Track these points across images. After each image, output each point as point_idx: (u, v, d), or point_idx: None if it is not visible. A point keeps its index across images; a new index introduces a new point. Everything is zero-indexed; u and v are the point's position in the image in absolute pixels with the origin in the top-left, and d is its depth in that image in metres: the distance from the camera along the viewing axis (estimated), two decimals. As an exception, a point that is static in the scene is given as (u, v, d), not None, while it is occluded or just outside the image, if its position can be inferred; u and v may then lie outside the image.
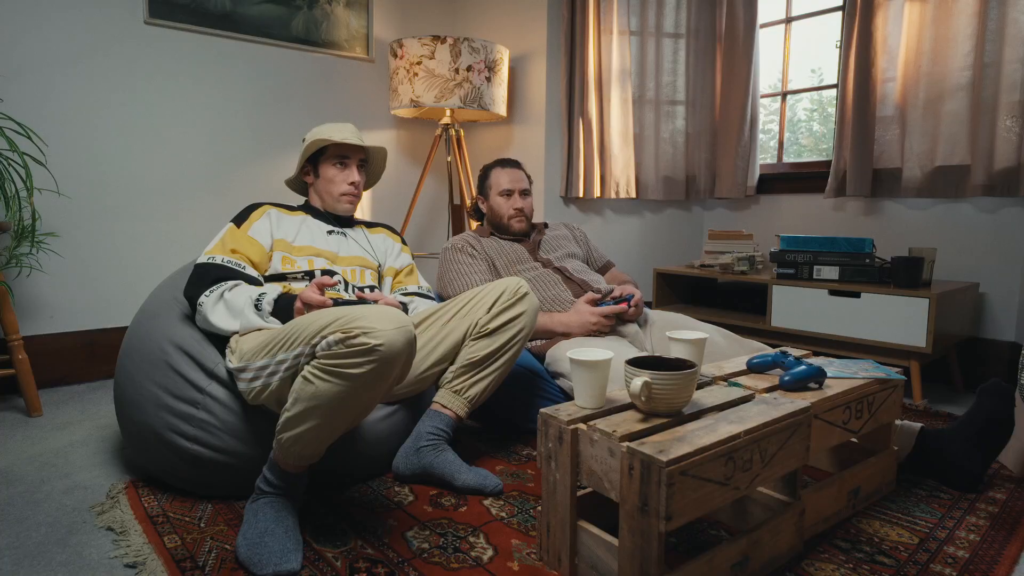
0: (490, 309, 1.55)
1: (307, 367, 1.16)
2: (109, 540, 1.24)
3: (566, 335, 1.84)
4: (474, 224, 2.26)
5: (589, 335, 1.82)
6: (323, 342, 1.14)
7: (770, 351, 1.44)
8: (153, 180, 2.47)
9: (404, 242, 1.89)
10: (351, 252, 1.71)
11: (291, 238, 1.63)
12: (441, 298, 2.01)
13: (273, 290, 1.46)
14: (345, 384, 1.12)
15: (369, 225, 1.86)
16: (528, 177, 2.13)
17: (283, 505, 1.22)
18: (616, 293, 1.88)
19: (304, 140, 1.73)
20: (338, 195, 1.71)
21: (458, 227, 3.01)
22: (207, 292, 1.44)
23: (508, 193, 2.07)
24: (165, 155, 2.49)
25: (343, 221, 1.77)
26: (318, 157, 1.72)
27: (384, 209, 3.14)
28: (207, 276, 1.47)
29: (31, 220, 2.06)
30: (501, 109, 2.76)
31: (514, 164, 2.13)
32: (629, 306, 1.85)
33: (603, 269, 2.23)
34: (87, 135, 2.32)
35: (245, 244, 1.56)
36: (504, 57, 2.76)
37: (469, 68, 2.62)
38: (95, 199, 2.35)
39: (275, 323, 1.40)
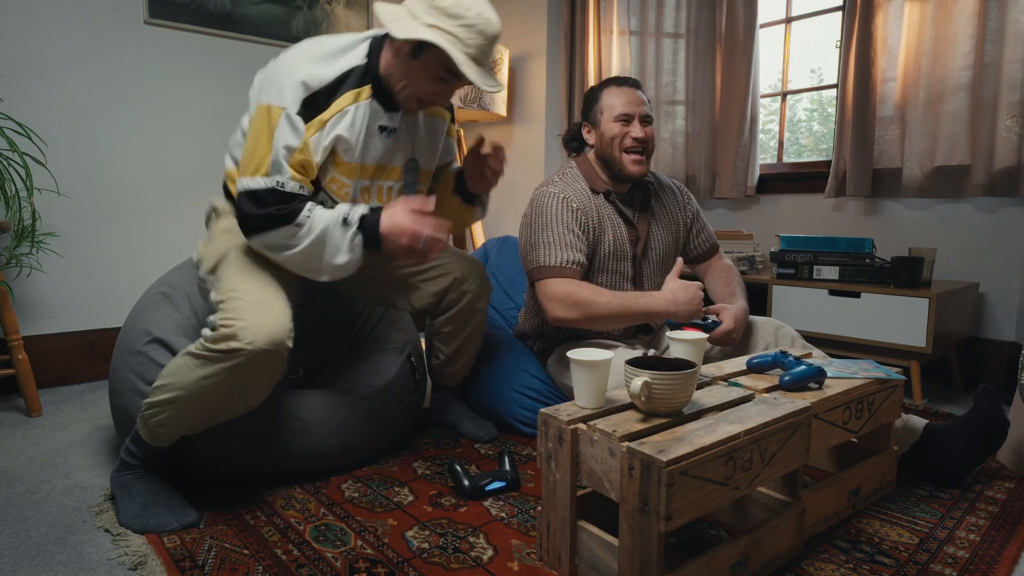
0: (440, 305, 1.66)
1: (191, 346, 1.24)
2: (109, 540, 1.24)
3: (670, 319, 1.59)
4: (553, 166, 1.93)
5: (692, 317, 1.57)
6: (208, 318, 1.24)
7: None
8: (153, 180, 2.47)
9: (454, 119, 1.64)
10: (395, 162, 1.47)
11: (346, 151, 1.37)
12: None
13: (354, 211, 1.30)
14: (210, 372, 1.19)
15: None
16: (650, 102, 1.73)
17: (151, 480, 1.30)
18: (713, 309, 1.61)
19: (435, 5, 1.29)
20: (415, 97, 1.38)
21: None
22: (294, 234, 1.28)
23: (626, 119, 1.65)
24: (165, 155, 2.49)
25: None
26: (427, 44, 1.30)
27: (384, 209, 3.14)
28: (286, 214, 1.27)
29: (31, 220, 2.06)
30: (501, 109, 2.76)
31: (632, 83, 1.70)
32: (705, 331, 1.56)
33: (703, 256, 1.88)
34: (87, 135, 2.32)
35: (310, 166, 1.31)
36: (504, 57, 2.76)
37: (469, 68, 2.62)
38: (95, 199, 2.35)
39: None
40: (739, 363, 1.44)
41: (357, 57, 1.36)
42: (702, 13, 2.87)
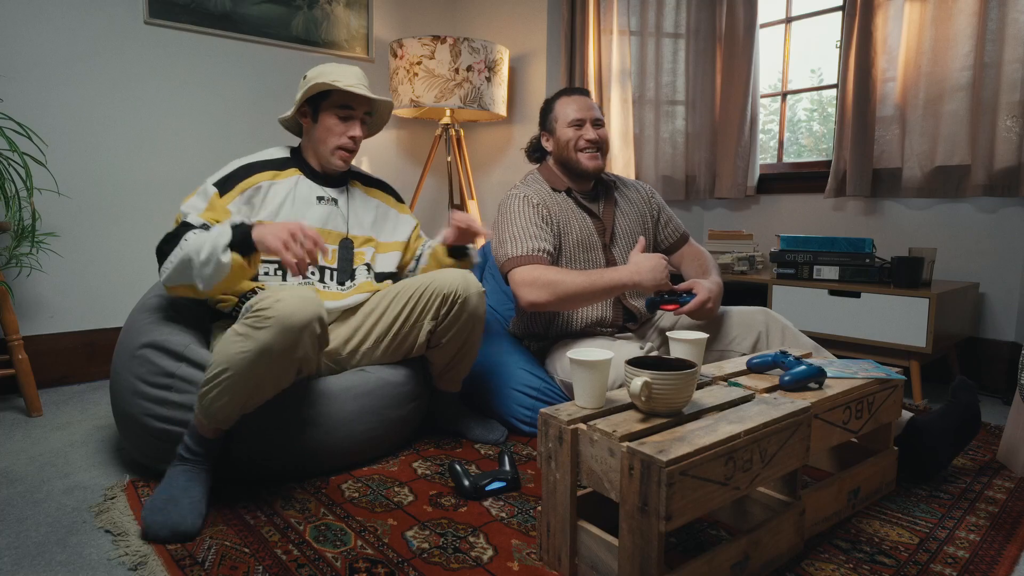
0: (435, 318, 1.61)
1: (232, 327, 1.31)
2: (109, 540, 1.24)
3: (636, 289, 1.65)
4: (518, 177, 2.06)
5: (662, 287, 1.63)
6: (243, 307, 1.32)
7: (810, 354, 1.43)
8: (153, 180, 2.47)
9: (401, 200, 1.86)
10: (338, 228, 1.66)
11: (274, 216, 1.58)
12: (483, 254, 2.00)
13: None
14: (252, 345, 1.24)
15: (365, 182, 1.79)
16: (600, 108, 1.87)
17: (195, 475, 1.32)
18: (681, 287, 1.68)
19: (305, 77, 1.62)
20: (333, 148, 1.62)
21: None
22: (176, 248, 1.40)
23: (579, 123, 1.80)
24: (165, 155, 2.49)
25: (336, 180, 1.70)
26: (320, 100, 1.61)
27: (384, 209, 3.14)
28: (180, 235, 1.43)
29: (31, 220, 2.06)
30: (501, 109, 2.76)
31: (582, 91, 1.87)
32: (680, 306, 1.64)
33: (675, 246, 1.97)
34: (87, 135, 2.32)
35: (223, 216, 1.50)
36: (504, 57, 2.76)
37: (469, 68, 2.62)
38: (95, 199, 2.35)
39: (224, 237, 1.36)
40: (739, 363, 1.44)
41: (281, 152, 1.68)
42: (702, 13, 2.87)
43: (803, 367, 1.27)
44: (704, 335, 1.31)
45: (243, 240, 1.36)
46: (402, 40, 2.66)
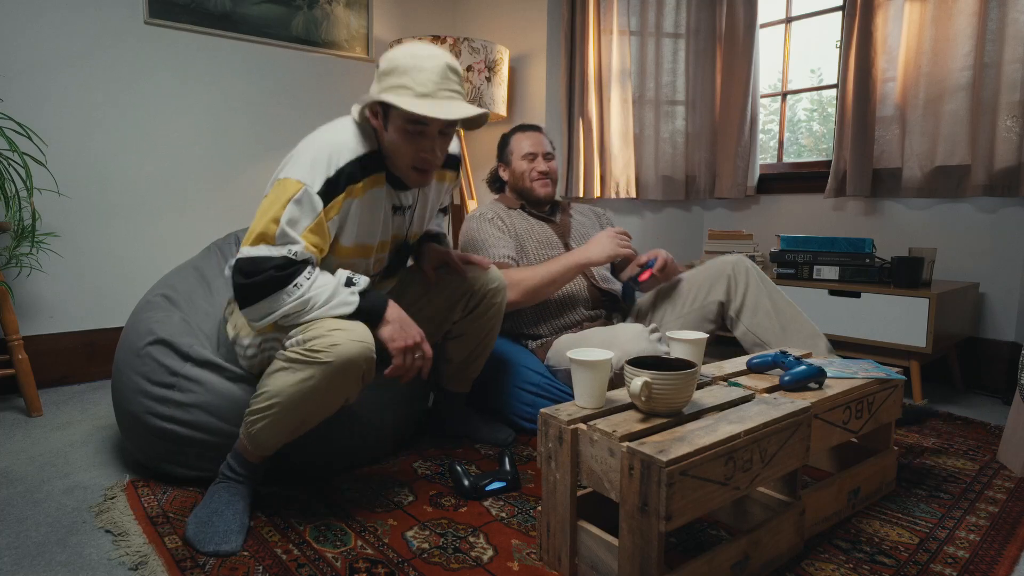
0: (463, 310, 1.62)
1: (279, 353, 1.26)
2: (109, 540, 1.24)
3: (589, 264, 1.76)
4: (487, 199, 2.20)
5: (615, 257, 1.75)
6: (291, 340, 1.25)
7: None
8: (153, 180, 2.47)
9: (457, 166, 1.61)
10: (401, 232, 1.51)
11: (352, 234, 1.38)
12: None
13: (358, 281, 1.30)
14: (303, 384, 1.20)
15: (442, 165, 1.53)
16: (551, 143, 2.03)
17: (238, 491, 1.30)
18: (643, 259, 1.84)
19: (379, 66, 1.33)
20: (407, 167, 1.36)
21: (458, 227, 3.01)
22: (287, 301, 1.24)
23: (531, 156, 1.99)
24: (165, 155, 2.49)
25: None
26: (387, 105, 1.31)
27: (384, 209, 3.14)
28: (288, 279, 1.23)
29: (31, 220, 2.06)
30: (501, 109, 2.76)
31: (535, 128, 2.05)
32: (651, 269, 1.79)
33: (623, 263, 2.13)
34: (87, 135, 2.32)
35: (327, 243, 1.31)
36: (504, 57, 2.76)
37: (469, 68, 2.62)
38: (95, 199, 2.35)
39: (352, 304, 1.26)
40: (739, 363, 1.44)
41: (364, 142, 1.35)
42: (702, 13, 2.87)
43: (803, 367, 1.27)
44: (704, 335, 1.31)
45: (369, 317, 1.27)
46: (402, 40, 2.66)
